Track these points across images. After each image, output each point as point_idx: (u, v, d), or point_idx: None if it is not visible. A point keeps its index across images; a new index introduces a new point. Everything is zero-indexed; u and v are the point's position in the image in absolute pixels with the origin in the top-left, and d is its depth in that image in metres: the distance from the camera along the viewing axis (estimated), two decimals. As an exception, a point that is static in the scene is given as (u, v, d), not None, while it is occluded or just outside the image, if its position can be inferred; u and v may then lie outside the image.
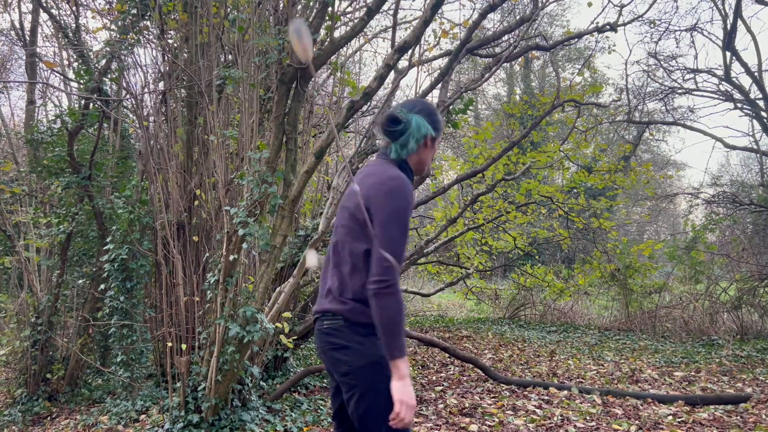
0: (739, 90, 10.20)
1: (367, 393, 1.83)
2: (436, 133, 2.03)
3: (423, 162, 2.05)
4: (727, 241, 10.28)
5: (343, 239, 1.93)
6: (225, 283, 3.91)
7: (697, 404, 4.84)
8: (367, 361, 1.83)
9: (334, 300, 1.92)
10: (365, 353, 1.84)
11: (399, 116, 1.95)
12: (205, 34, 4.67)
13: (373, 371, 1.83)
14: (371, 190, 1.86)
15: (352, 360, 1.85)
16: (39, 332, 5.64)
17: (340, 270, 1.93)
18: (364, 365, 1.83)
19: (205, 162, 4.74)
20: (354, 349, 1.85)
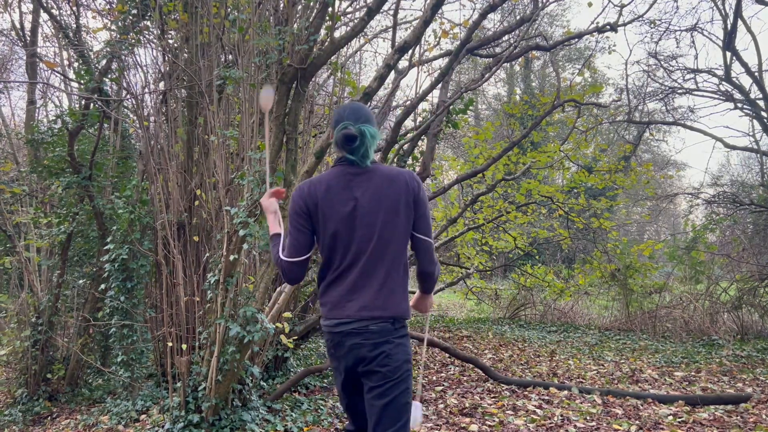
0: (740, 90, 10.19)
1: (407, 385, 2.13)
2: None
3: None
4: (728, 241, 10.28)
5: (390, 235, 2.16)
6: (225, 283, 3.91)
7: (697, 404, 4.84)
8: (408, 357, 2.16)
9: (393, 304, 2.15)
10: (408, 350, 2.18)
11: (354, 133, 2.15)
12: (206, 34, 4.67)
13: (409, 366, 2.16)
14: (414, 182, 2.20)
15: (400, 356, 2.14)
16: (39, 332, 5.64)
17: (387, 269, 2.16)
18: (407, 360, 2.15)
19: (206, 162, 4.74)
20: (404, 345, 2.16)
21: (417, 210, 2.18)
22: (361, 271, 2.13)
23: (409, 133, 6.87)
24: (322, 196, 2.17)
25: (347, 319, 2.12)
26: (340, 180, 2.18)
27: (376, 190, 2.15)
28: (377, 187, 2.15)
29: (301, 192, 2.21)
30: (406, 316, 2.15)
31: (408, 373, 2.13)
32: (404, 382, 2.11)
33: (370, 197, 2.15)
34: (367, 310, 2.10)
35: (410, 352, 2.16)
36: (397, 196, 2.14)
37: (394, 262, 2.14)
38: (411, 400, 2.14)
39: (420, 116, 6.92)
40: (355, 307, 2.11)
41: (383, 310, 2.10)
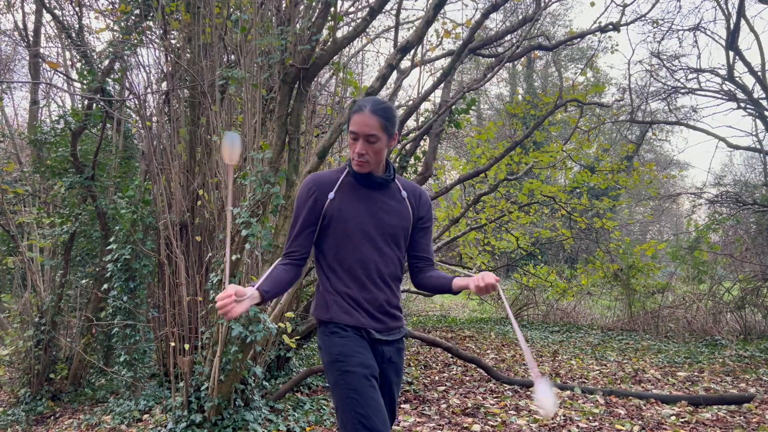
0: (743, 89, 10.16)
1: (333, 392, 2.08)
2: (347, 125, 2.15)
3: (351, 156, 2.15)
4: (731, 241, 10.25)
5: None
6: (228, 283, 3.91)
7: (700, 404, 4.83)
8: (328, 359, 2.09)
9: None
10: (325, 352, 2.10)
11: None
12: (208, 34, 4.67)
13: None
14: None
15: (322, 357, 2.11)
16: (42, 332, 5.65)
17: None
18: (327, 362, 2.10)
19: (208, 162, 4.74)
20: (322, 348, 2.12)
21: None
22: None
23: (411, 133, 6.87)
24: None
25: None
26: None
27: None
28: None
29: None
30: (316, 314, 2.15)
31: (331, 382, 2.01)
32: (332, 388, 2.01)
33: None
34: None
35: (328, 353, 2.04)
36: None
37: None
38: (347, 412, 1.91)
39: (422, 116, 6.92)
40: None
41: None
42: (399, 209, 2.17)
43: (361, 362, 1.96)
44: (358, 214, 2.09)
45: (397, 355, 2.14)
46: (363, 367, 1.96)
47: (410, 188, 2.25)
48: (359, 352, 1.99)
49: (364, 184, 2.14)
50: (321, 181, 2.13)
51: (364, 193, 2.13)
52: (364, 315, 2.06)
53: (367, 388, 1.93)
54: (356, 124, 2.02)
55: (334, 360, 1.98)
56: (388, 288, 2.12)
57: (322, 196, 2.10)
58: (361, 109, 2.03)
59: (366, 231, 2.09)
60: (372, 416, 1.87)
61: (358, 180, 2.13)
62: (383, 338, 2.08)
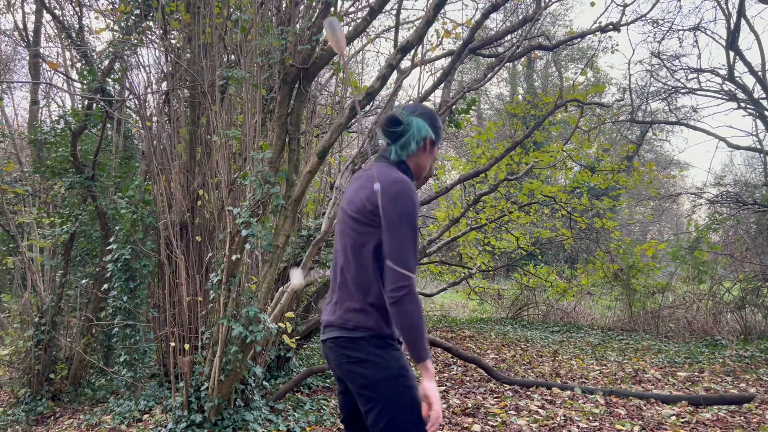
0: (743, 89, 10.17)
1: (388, 406, 1.82)
2: (436, 138, 2.03)
3: (421, 167, 2.03)
4: (731, 241, 10.25)
5: (352, 242, 1.91)
6: (228, 283, 3.92)
7: (700, 404, 4.83)
8: (388, 375, 1.83)
9: (349, 311, 1.89)
10: (387, 366, 1.83)
11: (400, 117, 1.94)
12: (208, 34, 4.67)
13: (394, 384, 1.83)
14: (378, 194, 1.85)
15: (371, 374, 1.83)
16: (42, 332, 5.65)
17: (348, 277, 1.91)
18: (383, 378, 1.82)
19: (208, 162, 4.74)
20: (373, 362, 1.83)
21: (383, 225, 1.83)
22: (334, 276, 2.01)
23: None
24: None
25: (323, 323, 2.00)
26: (363, 169, 2.07)
27: (352, 192, 1.97)
28: (354, 189, 1.96)
29: None
30: (369, 326, 1.85)
31: (396, 391, 1.82)
32: (391, 404, 1.82)
33: (346, 200, 1.99)
34: (328, 314, 1.97)
35: (392, 367, 1.83)
36: (361, 203, 1.88)
37: (357, 271, 1.90)
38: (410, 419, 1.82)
39: (422, 116, 6.90)
40: (326, 312, 2.00)
41: (341, 319, 1.90)
42: None
43: (414, 376, 1.90)
44: None
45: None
46: (417, 381, 1.88)
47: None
48: (412, 368, 1.93)
49: None
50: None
51: None
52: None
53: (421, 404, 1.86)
54: None
55: (397, 375, 1.82)
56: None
57: None
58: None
59: None
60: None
61: None
62: None
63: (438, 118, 2.08)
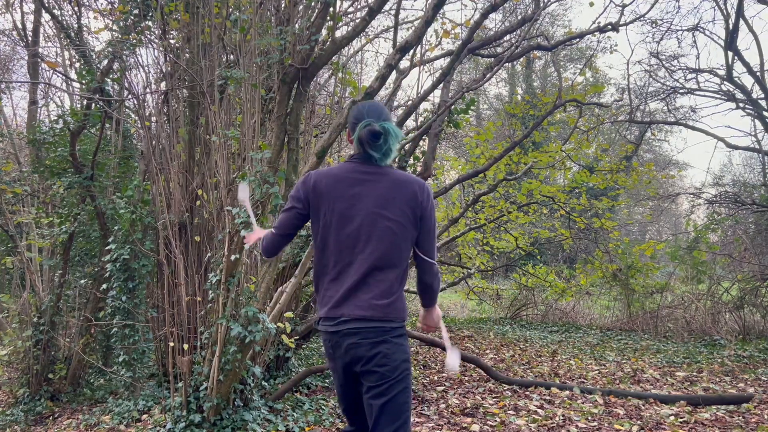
0: (741, 90, 10.18)
1: (405, 384, 2.13)
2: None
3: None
4: (730, 241, 10.26)
5: (393, 236, 2.14)
6: (227, 283, 3.92)
7: (699, 404, 4.84)
8: (407, 357, 2.15)
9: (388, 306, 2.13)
10: (406, 350, 2.16)
11: (377, 129, 2.12)
12: (207, 34, 4.67)
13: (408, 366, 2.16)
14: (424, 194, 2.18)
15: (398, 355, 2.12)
16: (41, 332, 5.65)
17: (386, 273, 2.14)
18: (405, 360, 2.14)
19: (207, 162, 4.74)
20: (401, 345, 2.14)
21: (423, 224, 2.18)
22: (358, 271, 2.11)
23: (410, 133, 6.87)
24: (328, 188, 2.15)
25: (345, 317, 2.10)
26: (351, 175, 2.16)
27: (383, 192, 2.13)
28: (385, 189, 2.14)
29: (306, 180, 2.22)
30: (402, 317, 2.14)
31: (407, 373, 2.12)
32: (402, 382, 2.11)
33: (375, 199, 2.13)
34: (363, 309, 2.08)
35: (408, 352, 2.16)
36: (402, 203, 2.13)
37: (392, 268, 2.13)
38: (408, 401, 2.14)
39: (421, 116, 6.92)
40: (352, 306, 2.10)
41: (380, 311, 2.09)
42: None
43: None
44: None
45: None
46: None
47: None
48: None
49: None
50: None
51: None
52: None
53: None
54: None
55: (407, 359, 2.15)
56: None
57: None
58: None
59: None
60: None
61: None
62: None
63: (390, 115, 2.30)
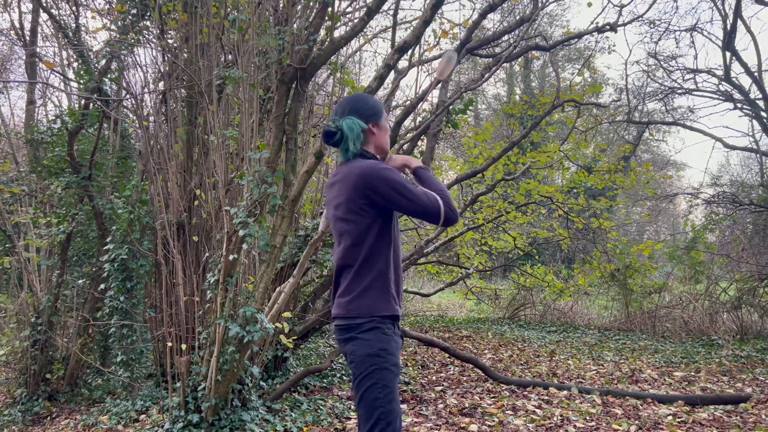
0: (739, 90, 10.20)
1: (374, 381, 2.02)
2: (375, 118, 2.22)
3: (381, 145, 2.26)
4: (727, 241, 10.28)
5: (347, 234, 2.12)
6: (225, 283, 3.91)
7: (697, 404, 4.84)
8: (373, 352, 2.04)
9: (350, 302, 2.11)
10: (374, 345, 2.05)
11: (330, 128, 2.15)
12: (205, 34, 4.67)
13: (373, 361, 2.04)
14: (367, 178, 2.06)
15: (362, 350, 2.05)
16: (39, 332, 5.64)
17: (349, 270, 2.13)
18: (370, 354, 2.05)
19: (205, 162, 4.74)
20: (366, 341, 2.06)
21: (390, 204, 2.05)
22: (335, 273, 2.20)
23: (409, 134, 6.87)
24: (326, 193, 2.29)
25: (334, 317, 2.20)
26: (331, 179, 2.24)
27: (336, 192, 2.16)
28: (337, 189, 2.15)
29: None
30: (368, 312, 2.05)
31: (375, 368, 2.00)
32: (370, 378, 2.01)
33: (334, 195, 2.17)
34: (336, 308, 2.14)
35: (376, 347, 2.02)
36: (348, 198, 2.08)
37: (352, 265, 2.09)
38: (381, 397, 1.99)
39: (420, 116, 6.92)
40: (334, 307, 2.18)
41: (344, 309, 2.09)
42: None
43: (396, 363, 2.05)
44: None
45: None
46: (397, 368, 2.05)
47: None
48: (396, 354, 2.07)
49: None
50: None
51: None
52: (400, 306, 2.17)
53: (396, 387, 2.04)
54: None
55: (375, 354, 2.01)
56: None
57: None
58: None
59: None
60: (399, 413, 2.02)
61: None
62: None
63: (366, 100, 2.24)
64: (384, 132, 2.26)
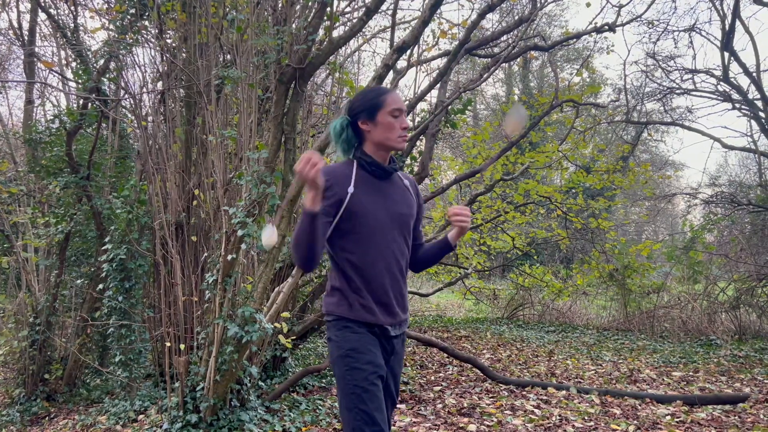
0: (738, 90, 10.21)
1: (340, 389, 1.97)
2: (363, 115, 2.05)
3: (378, 142, 2.07)
4: (726, 241, 10.29)
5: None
6: (224, 283, 3.91)
7: (695, 404, 4.85)
8: (336, 354, 2.01)
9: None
10: (333, 348, 2.05)
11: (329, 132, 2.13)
12: (204, 34, 4.67)
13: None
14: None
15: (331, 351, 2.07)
16: (37, 332, 5.63)
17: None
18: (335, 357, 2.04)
19: (204, 162, 4.73)
20: (329, 341, 2.09)
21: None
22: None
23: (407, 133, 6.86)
24: None
25: None
26: None
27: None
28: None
29: None
30: (328, 310, 2.06)
31: (338, 373, 1.95)
32: (338, 382, 1.96)
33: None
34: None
35: (335, 348, 1.98)
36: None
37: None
38: (350, 402, 1.89)
39: (418, 116, 6.92)
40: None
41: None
42: (406, 199, 2.17)
43: (370, 360, 1.95)
44: (377, 208, 2.05)
45: (401, 345, 2.16)
46: (372, 365, 1.94)
47: (408, 177, 2.28)
48: (370, 350, 1.97)
49: (378, 175, 2.11)
50: (336, 174, 2.03)
51: (378, 185, 2.10)
52: (383, 313, 2.03)
53: (372, 386, 1.90)
54: (396, 101, 2.05)
55: (345, 355, 1.94)
56: (403, 279, 2.10)
57: (341, 190, 2.00)
58: (388, 90, 2.10)
59: (385, 224, 2.05)
60: (374, 413, 1.87)
61: (371, 172, 2.09)
62: (394, 333, 2.08)
63: (367, 93, 2.10)
64: (381, 128, 2.05)
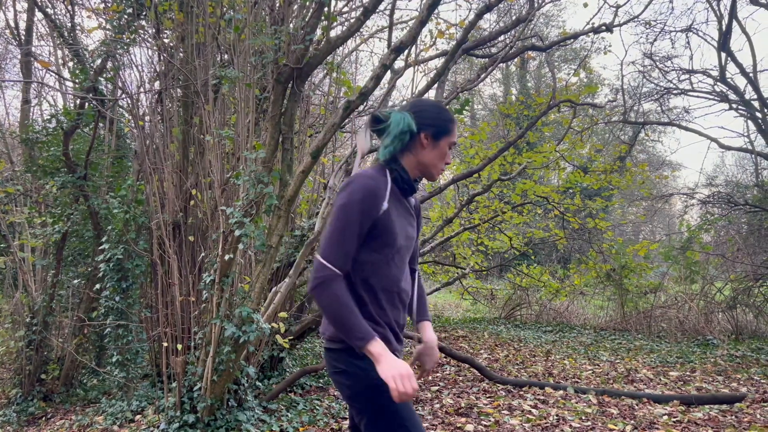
0: (735, 91, 10.23)
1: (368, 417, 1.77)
2: (431, 129, 1.84)
3: (424, 163, 1.87)
4: (723, 242, 10.31)
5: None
6: (221, 283, 3.91)
7: (692, 404, 4.86)
8: (365, 385, 1.76)
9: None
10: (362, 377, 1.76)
11: (381, 115, 1.85)
12: (201, 33, 4.66)
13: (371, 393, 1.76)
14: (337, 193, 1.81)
15: (351, 384, 1.79)
16: (34, 332, 5.62)
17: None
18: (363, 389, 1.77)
19: (201, 162, 4.73)
20: (351, 373, 1.79)
21: None
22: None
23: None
24: None
25: None
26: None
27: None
28: None
29: None
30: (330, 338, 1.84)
31: (373, 407, 1.75)
32: (362, 414, 1.78)
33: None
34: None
35: (356, 384, 1.77)
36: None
37: None
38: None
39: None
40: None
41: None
42: (413, 220, 1.96)
43: None
44: (401, 229, 1.83)
45: None
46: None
47: (413, 197, 2.05)
48: None
49: (405, 193, 1.89)
50: (379, 185, 1.78)
51: (402, 204, 1.88)
52: (394, 340, 1.87)
53: (413, 412, 1.78)
54: (456, 135, 1.90)
55: (378, 384, 1.70)
56: (405, 310, 1.95)
57: (378, 204, 1.76)
58: (455, 119, 1.91)
59: (402, 246, 1.84)
60: None
61: (401, 189, 1.87)
62: None
63: (442, 110, 1.88)
64: (437, 152, 1.86)
